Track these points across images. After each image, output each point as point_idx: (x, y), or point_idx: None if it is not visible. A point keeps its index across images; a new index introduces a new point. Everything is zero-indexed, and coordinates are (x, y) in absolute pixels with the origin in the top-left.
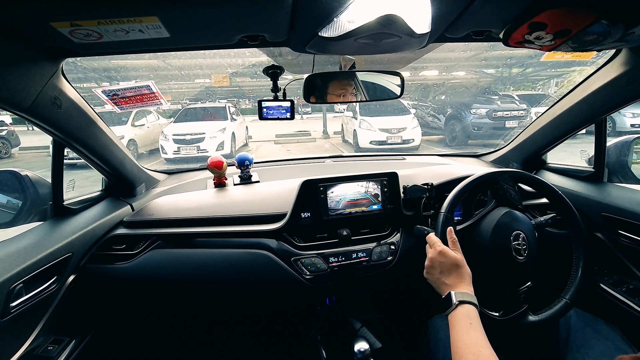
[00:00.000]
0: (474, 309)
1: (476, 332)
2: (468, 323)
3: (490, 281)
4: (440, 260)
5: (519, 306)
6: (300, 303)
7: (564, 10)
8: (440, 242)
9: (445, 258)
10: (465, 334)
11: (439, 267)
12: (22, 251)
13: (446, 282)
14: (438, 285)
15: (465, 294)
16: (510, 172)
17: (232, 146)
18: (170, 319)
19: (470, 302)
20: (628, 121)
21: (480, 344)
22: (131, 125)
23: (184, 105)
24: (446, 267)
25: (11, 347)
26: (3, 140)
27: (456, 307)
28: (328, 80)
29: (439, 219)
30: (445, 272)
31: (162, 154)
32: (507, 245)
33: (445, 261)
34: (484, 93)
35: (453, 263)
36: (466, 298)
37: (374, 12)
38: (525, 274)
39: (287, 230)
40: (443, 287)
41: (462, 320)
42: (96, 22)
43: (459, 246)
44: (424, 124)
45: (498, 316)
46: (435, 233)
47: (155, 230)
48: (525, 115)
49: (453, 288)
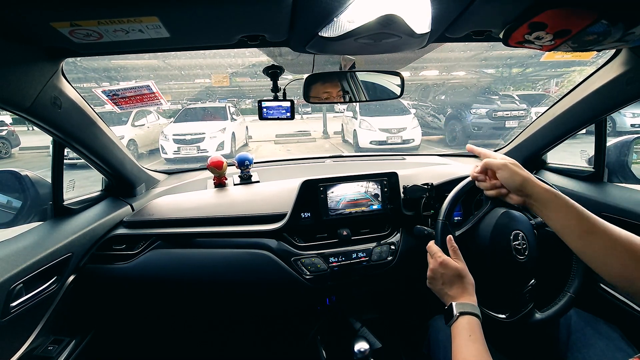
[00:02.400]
0: (475, 320)
1: (476, 345)
2: (468, 335)
3: (494, 283)
4: (442, 271)
5: (525, 305)
6: (300, 303)
7: (564, 10)
8: (440, 251)
9: (447, 269)
10: (465, 347)
11: (441, 279)
12: (22, 251)
13: (449, 293)
14: (441, 296)
15: (466, 305)
16: None
17: (232, 146)
18: (170, 319)
19: (472, 313)
20: (628, 121)
21: (479, 357)
22: (131, 125)
23: (184, 105)
24: (448, 278)
25: (11, 347)
26: (3, 140)
27: (457, 318)
28: (328, 80)
29: (437, 227)
30: (447, 283)
31: (162, 154)
32: (508, 246)
33: (447, 272)
34: (484, 93)
35: (455, 274)
36: (467, 309)
37: (374, 12)
38: (527, 273)
39: (287, 230)
40: (446, 297)
41: (463, 333)
42: (96, 22)
43: (460, 254)
44: (424, 124)
45: (505, 318)
46: (434, 241)
47: (155, 230)
48: (525, 115)
49: (455, 299)
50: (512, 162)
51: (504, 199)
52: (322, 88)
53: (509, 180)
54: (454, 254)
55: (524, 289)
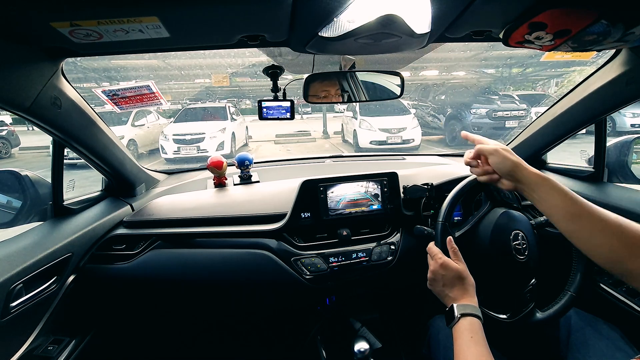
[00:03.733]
0: (477, 322)
1: (478, 347)
2: (470, 337)
3: (495, 284)
4: (443, 273)
5: (526, 305)
6: (300, 303)
7: (564, 10)
8: (440, 253)
9: (447, 271)
10: (467, 348)
11: (442, 280)
12: (22, 251)
13: (450, 294)
14: (442, 297)
15: (467, 306)
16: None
17: (232, 146)
18: (170, 319)
19: (473, 315)
20: (628, 121)
21: (481, 359)
22: (131, 125)
23: (184, 105)
24: (448, 279)
25: (11, 347)
26: (3, 140)
27: (458, 320)
28: (328, 80)
29: (437, 228)
30: (448, 285)
31: (162, 154)
32: (508, 246)
33: (447, 274)
34: (484, 93)
35: (455, 275)
36: (468, 310)
37: (374, 12)
38: (528, 273)
39: (287, 230)
40: (447, 299)
41: (464, 335)
42: (96, 22)
43: (460, 255)
44: (424, 124)
45: (506, 318)
46: (435, 243)
47: (155, 230)
48: (525, 115)
49: (456, 301)
50: (503, 148)
51: (496, 184)
52: (322, 88)
53: (500, 165)
54: (454, 255)
55: (524, 289)
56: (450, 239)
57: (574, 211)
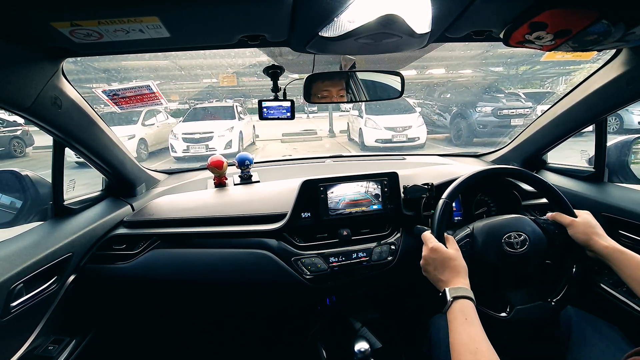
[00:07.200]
0: (469, 303)
1: (473, 327)
2: (464, 319)
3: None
4: (433, 256)
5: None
6: (300, 303)
7: (564, 10)
8: (433, 238)
9: (437, 254)
10: (462, 330)
11: (433, 264)
12: (22, 251)
13: (441, 278)
14: (435, 282)
15: (459, 288)
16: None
17: (240, 145)
18: (171, 318)
19: (465, 297)
20: (636, 118)
21: (477, 340)
22: (141, 124)
23: (192, 104)
24: (439, 262)
25: (11, 347)
26: (18, 139)
27: (451, 303)
28: (328, 80)
29: (438, 206)
30: (439, 268)
31: (172, 153)
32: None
33: (438, 257)
34: (490, 91)
35: (445, 257)
36: (461, 293)
37: (374, 12)
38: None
39: (287, 230)
40: (440, 283)
41: (458, 317)
42: (96, 22)
43: (455, 243)
44: (429, 123)
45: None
46: (431, 220)
47: (156, 230)
48: (531, 113)
49: (448, 284)
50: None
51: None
52: (322, 88)
53: (575, 237)
54: (449, 242)
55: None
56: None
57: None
